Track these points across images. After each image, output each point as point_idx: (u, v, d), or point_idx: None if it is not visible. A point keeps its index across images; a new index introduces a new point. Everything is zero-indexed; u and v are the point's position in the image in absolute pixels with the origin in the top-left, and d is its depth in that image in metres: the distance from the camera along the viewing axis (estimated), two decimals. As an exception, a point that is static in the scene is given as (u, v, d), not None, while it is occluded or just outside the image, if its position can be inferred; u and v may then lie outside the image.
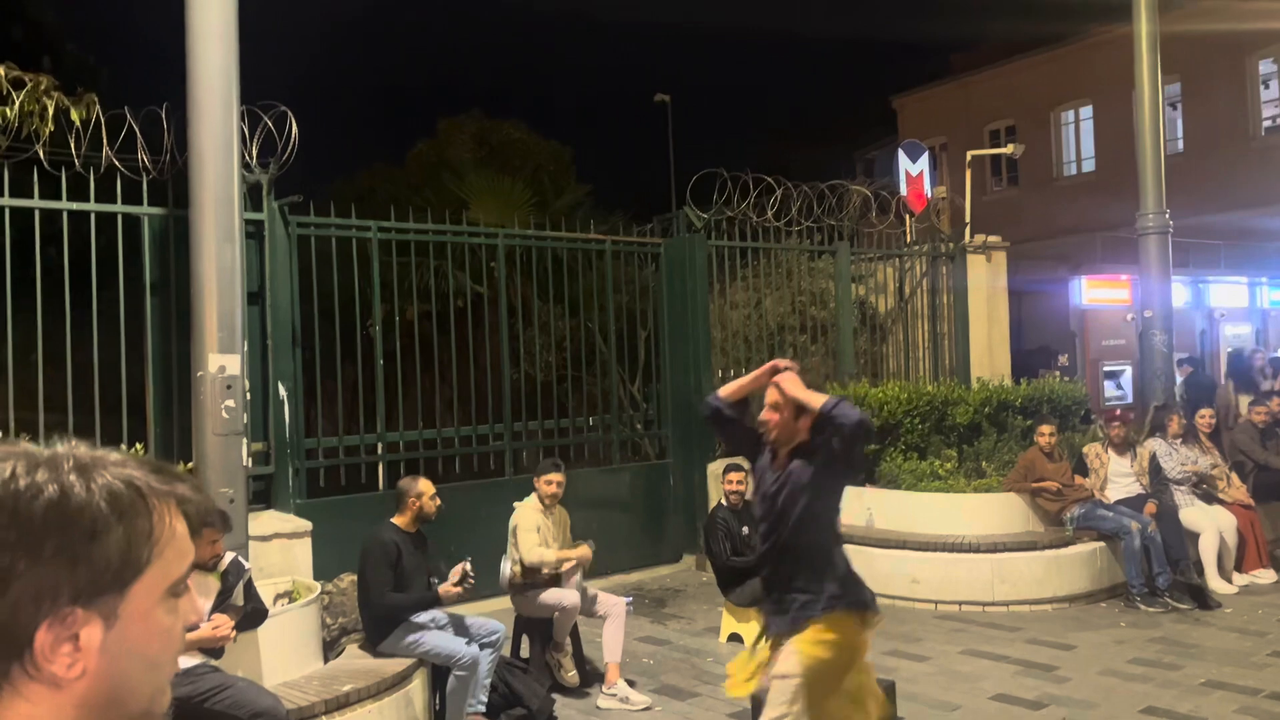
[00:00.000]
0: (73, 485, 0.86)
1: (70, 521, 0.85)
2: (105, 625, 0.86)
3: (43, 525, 0.84)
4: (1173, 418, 8.33)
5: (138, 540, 0.88)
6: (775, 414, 3.70)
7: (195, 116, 5.52)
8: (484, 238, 8.56)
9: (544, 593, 5.89)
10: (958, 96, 25.70)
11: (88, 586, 0.85)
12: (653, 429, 9.76)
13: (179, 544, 0.92)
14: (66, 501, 0.85)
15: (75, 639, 0.85)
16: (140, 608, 0.89)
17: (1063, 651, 6.37)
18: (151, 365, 6.36)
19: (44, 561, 0.83)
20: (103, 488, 0.88)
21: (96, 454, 0.92)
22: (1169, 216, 9.97)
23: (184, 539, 0.93)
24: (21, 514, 0.84)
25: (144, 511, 0.89)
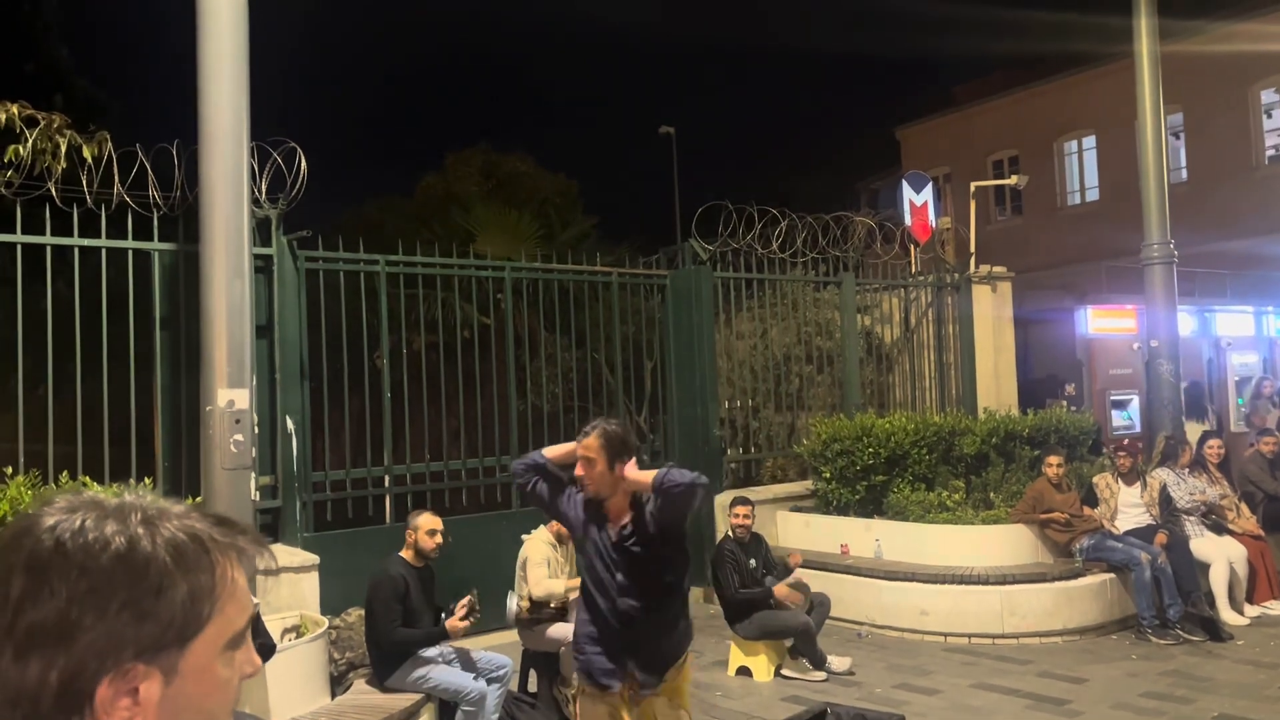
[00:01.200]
0: (140, 538, 0.87)
1: (137, 576, 0.85)
2: (165, 680, 0.86)
3: (110, 579, 0.84)
4: (1185, 448, 8.31)
5: (201, 595, 0.88)
6: (588, 467, 3.57)
7: (206, 153, 5.59)
8: (491, 270, 8.61)
9: (551, 627, 5.87)
10: (960, 127, 25.85)
11: (151, 642, 0.85)
12: (659, 460, 9.74)
13: (240, 597, 0.92)
14: (134, 555, 0.86)
15: (135, 693, 0.85)
16: (200, 663, 0.88)
17: (1074, 685, 6.32)
18: (160, 399, 6.39)
19: (110, 616, 0.83)
20: (168, 541, 0.88)
21: (162, 505, 0.92)
22: (1173, 246, 9.98)
23: (244, 592, 0.93)
24: (90, 567, 0.84)
25: (207, 566, 0.89)
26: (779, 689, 6.49)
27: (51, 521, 0.87)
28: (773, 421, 10.33)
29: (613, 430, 3.56)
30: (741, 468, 9.99)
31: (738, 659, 6.83)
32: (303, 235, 7.01)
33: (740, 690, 6.53)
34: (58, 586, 0.84)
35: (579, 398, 9.61)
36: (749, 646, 6.75)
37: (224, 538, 0.92)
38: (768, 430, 10.29)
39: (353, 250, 7.52)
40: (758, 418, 10.20)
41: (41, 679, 0.83)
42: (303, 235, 7.01)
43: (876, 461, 8.66)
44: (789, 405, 10.42)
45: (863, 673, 6.71)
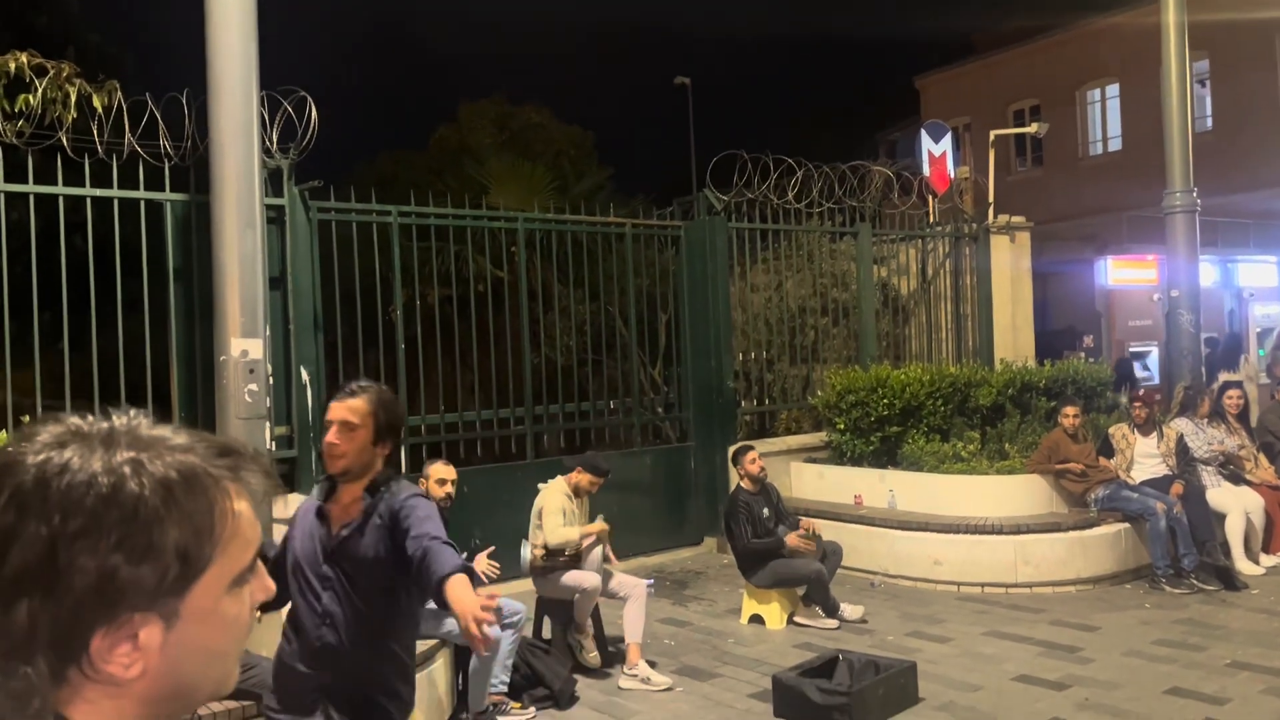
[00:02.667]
0: (127, 478, 0.80)
1: (127, 518, 0.79)
2: (166, 625, 0.82)
3: (99, 520, 0.78)
4: (1204, 398, 8.24)
5: (199, 537, 0.82)
6: (347, 435, 2.73)
7: (215, 102, 5.55)
8: (504, 222, 8.57)
9: (565, 575, 5.91)
10: (981, 76, 25.43)
11: (147, 589, 0.80)
12: (673, 412, 9.76)
13: (245, 532, 0.86)
14: (121, 496, 0.79)
15: (134, 639, 0.80)
16: (204, 605, 0.84)
17: (1086, 633, 6.34)
18: (175, 350, 6.42)
19: (103, 558, 0.78)
20: (159, 480, 0.81)
21: (156, 434, 0.85)
22: (1196, 195, 9.83)
23: (249, 524, 0.87)
24: (77, 507, 0.78)
25: (204, 506, 0.83)
26: (792, 636, 6.54)
27: (37, 458, 0.81)
28: (787, 374, 10.31)
29: (390, 398, 2.81)
30: (756, 420, 9.99)
31: (750, 607, 6.87)
32: (314, 185, 6.98)
33: (753, 637, 6.58)
34: (34, 527, 0.78)
35: (593, 350, 9.61)
36: (762, 595, 6.80)
37: (223, 468, 0.86)
38: (782, 383, 10.27)
39: (365, 201, 7.50)
40: (772, 370, 10.18)
41: (31, 626, 0.78)
42: (314, 185, 6.98)
43: (891, 413, 8.64)
44: (804, 358, 10.39)
45: (875, 621, 6.74)
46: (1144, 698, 5.18)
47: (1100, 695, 5.24)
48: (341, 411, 2.75)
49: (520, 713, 5.27)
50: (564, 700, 5.42)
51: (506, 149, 14.51)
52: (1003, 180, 22.93)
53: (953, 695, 5.32)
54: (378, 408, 2.75)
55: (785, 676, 5.19)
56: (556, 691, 5.44)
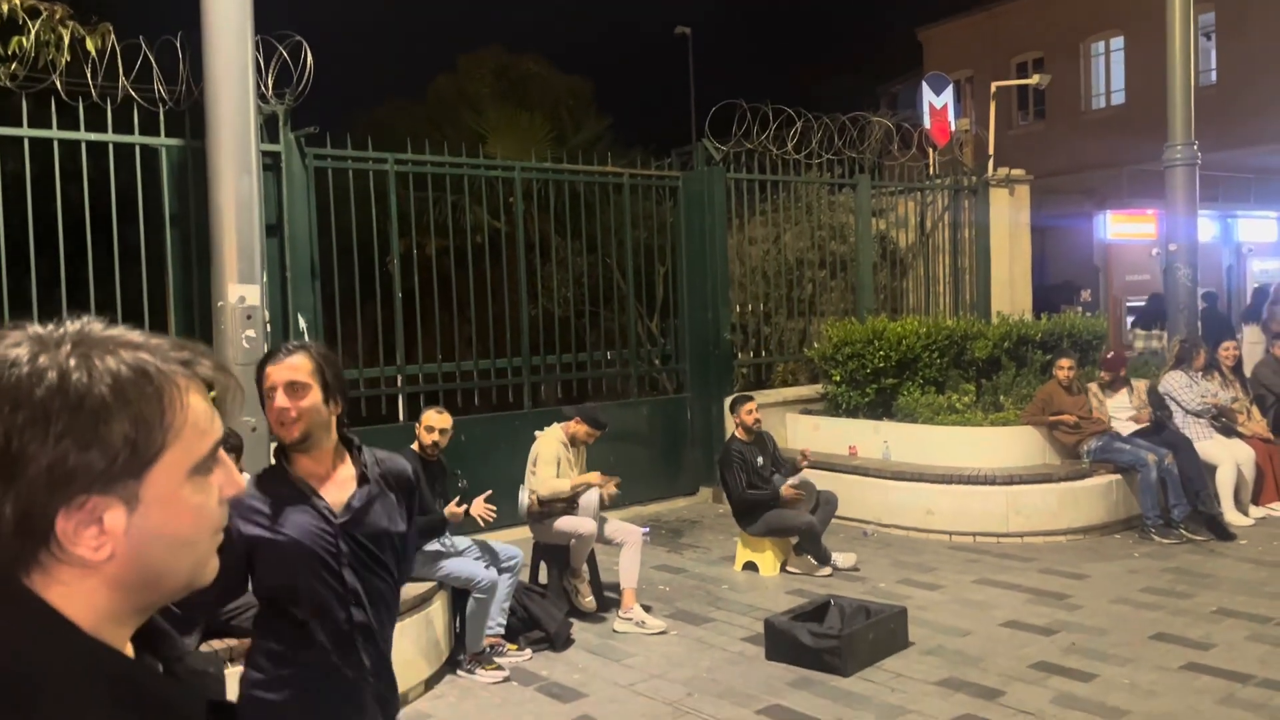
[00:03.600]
0: (73, 369, 0.84)
1: (73, 406, 0.83)
2: (128, 509, 0.86)
3: (45, 410, 0.82)
4: (1199, 351, 8.28)
5: (147, 426, 0.86)
6: (296, 396, 2.42)
7: (210, 46, 5.52)
8: (501, 171, 8.54)
9: (560, 520, 5.98)
10: (985, 28, 25.13)
11: (100, 473, 0.84)
12: (670, 364, 9.79)
13: (199, 423, 0.90)
14: (67, 385, 0.83)
15: (100, 522, 0.84)
16: (163, 491, 0.88)
17: (1075, 581, 6.43)
18: (172, 295, 6.43)
19: (50, 446, 0.82)
20: (107, 372, 0.85)
21: (111, 334, 0.89)
22: (1197, 149, 9.78)
23: (204, 417, 0.91)
24: (24, 400, 0.82)
25: (153, 395, 0.86)
26: (784, 583, 6.63)
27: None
28: (785, 326, 10.33)
29: (330, 354, 2.53)
30: (752, 372, 10.03)
31: (744, 555, 6.96)
32: (310, 132, 6.94)
33: (746, 584, 6.67)
34: (30, 424, 0.82)
35: (590, 302, 9.62)
36: (756, 543, 6.88)
37: (175, 362, 0.89)
38: (779, 335, 10.29)
39: (361, 149, 7.46)
40: (769, 323, 10.19)
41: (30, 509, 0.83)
42: (310, 132, 6.94)
43: (887, 365, 8.68)
44: (801, 310, 10.40)
45: (867, 569, 6.83)
46: (1130, 643, 5.27)
47: (1086, 640, 5.33)
48: (284, 373, 2.45)
49: (516, 654, 5.36)
50: (559, 642, 5.51)
51: (505, 99, 14.38)
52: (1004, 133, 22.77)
53: (942, 640, 5.41)
54: (321, 363, 2.46)
55: (778, 620, 5.27)
56: (552, 634, 5.53)
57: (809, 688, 4.81)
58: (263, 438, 5.53)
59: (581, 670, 5.21)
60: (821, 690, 4.78)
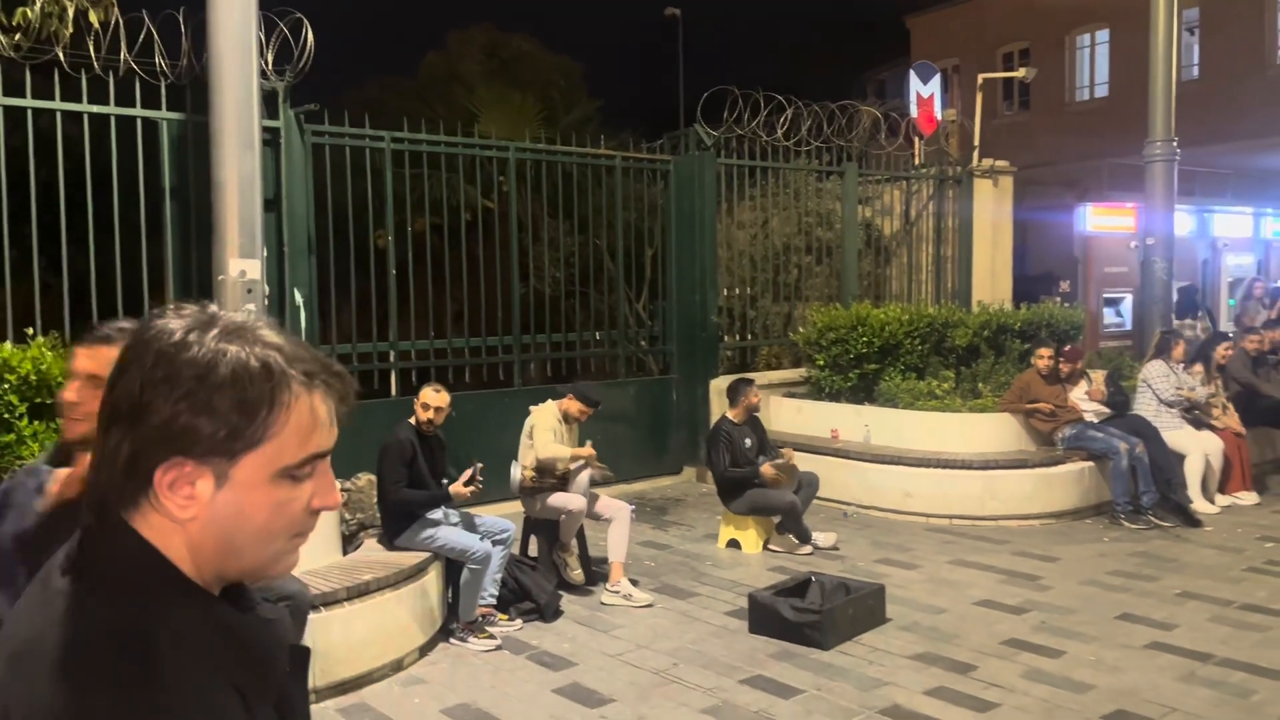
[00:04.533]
0: (214, 349, 0.97)
1: (199, 377, 0.95)
2: (216, 483, 0.97)
3: (178, 374, 0.96)
4: (1178, 343, 8.51)
5: (251, 416, 0.97)
6: (92, 392, 2.06)
7: (214, 21, 5.57)
8: (495, 150, 8.64)
9: (552, 496, 6.14)
10: (973, 17, 25.27)
11: (203, 442, 0.95)
12: (658, 345, 9.95)
13: (300, 430, 0.98)
14: (200, 359, 0.96)
15: (192, 485, 0.96)
16: (250, 478, 0.97)
17: (1046, 563, 6.66)
18: (171, 268, 6.52)
19: (171, 405, 0.95)
20: (235, 358, 0.96)
21: (261, 331, 1.00)
22: (1177, 146, 9.99)
23: (308, 427, 0.99)
24: (166, 361, 0.96)
25: (265, 392, 0.96)
26: (766, 560, 6.82)
27: (160, 324, 1.00)
28: (770, 311, 10.50)
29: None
30: (737, 355, 10.20)
31: (728, 533, 7.14)
32: (310, 109, 7.03)
33: (730, 561, 6.86)
34: (135, 373, 0.97)
35: (580, 282, 9.74)
36: (739, 521, 7.06)
37: (299, 371, 0.99)
38: (765, 319, 10.46)
39: (359, 126, 7.55)
40: (755, 307, 10.36)
41: (116, 449, 0.97)
42: (310, 109, 7.03)
43: (870, 351, 8.87)
44: (787, 295, 10.57)
45: (846, 548, 7.03)
46: (1096, 622, 5.49)
47: (1055, 619, 5.55)
48: (88, 363, 2.14)
49: (507, 624, 5.53)
50: (549, 614, 5.68)
51: (495, 78, 14.43)
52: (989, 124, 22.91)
53: (918, 616, 5.62)
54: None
55: (761, 595, 5.46)
56: (542, 605, 5.70)
57: (790, 659, 5.00)
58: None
59: (570, 640, 5.38)
60: (802, 662, 4.97)
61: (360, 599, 4.86)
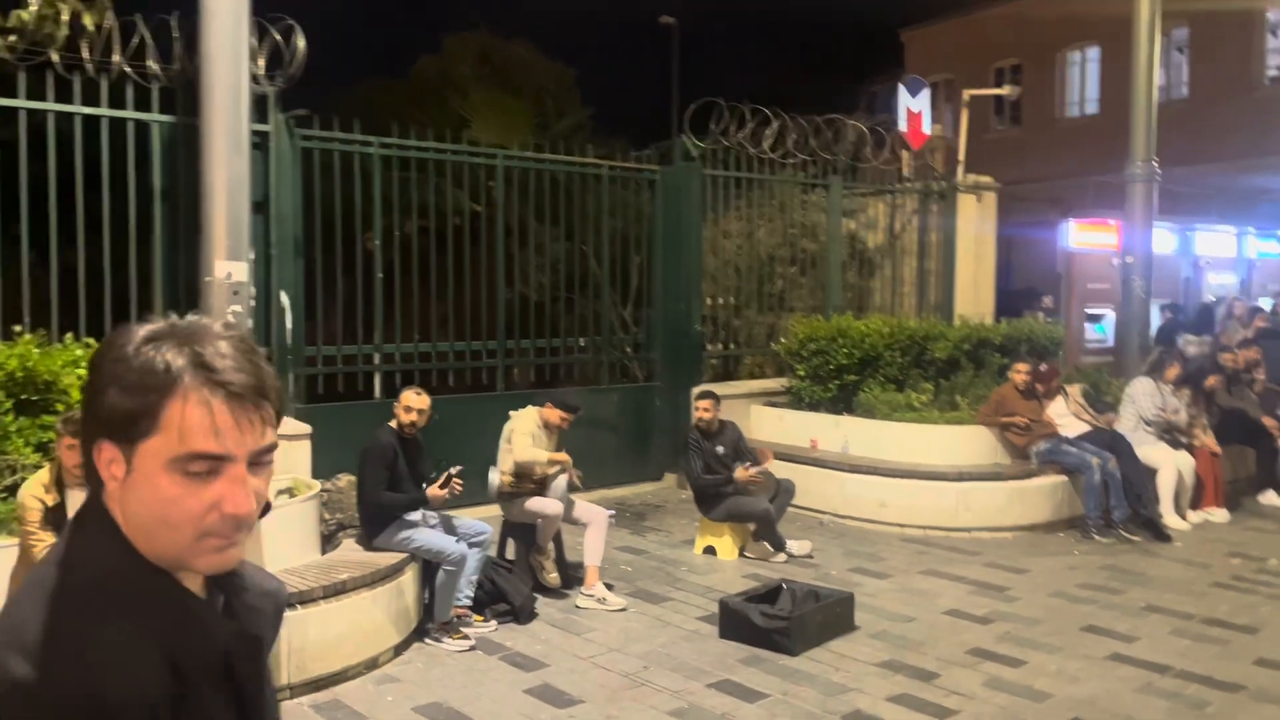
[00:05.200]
0: (139, 351, 1.09)
1: (121, 374, 1.09)
2: (125, 465, 1.09)
3: (104, 370, 1.10)
4: (1173, 365, 8.64)
5: (146, 409, 1.08)
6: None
7: (206, 26, 5.67)
8: (483, 158, 8.74)
9: (529, 500, 6.23)
10: (967, 31, 25.47)
11: (114, 427, 1.09)
12: (642, 352, 10.05)
13: (185, 429, 1.07)
14: (124, 358, 1.09)
15: (111, 463, 1.10)
16: (146, 465, 1.08)
17: (1016, 574, 6.77)
18: (159, 269, 6.60)
19: (98, 395, 1.10)
20: (148, 358, 1.08)
21: (207, 336, 1.11)
22: (1157, 165, 10.15)
23: (197, 429, 1.07)
24: (103, 359, 1.11)
25: (158, 388, 1.07)
26: (741, 567, 6.93)
27: (122, 330, 1.14)
28: (755, 320, 10.61)
29: None
30: (721, 363, 10.31)
31: (704, 539, 7.24)
32: (300, 114, 7.12)
33: (705, 567, 6.96)
34: (97, 367, 1.12)
35: (565, 288, 9.84)
36: (715, 528, 7.16)
37: (214, 380, 1.08)
38: (750, 328, 10.57)
39: (347, 130, 7.64)
40: (740, 316, 10.47)
41: (83, 427, 1.15)
42: (300, 114, 7.12)
43: (850, 362, 8.98)
44: (771, 305, 10.69)
45: (821, 556, 7.14)
46: (1060, 633, 5.60)
47: (1020, 630, 5.66)
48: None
49: (482, 625, 5.62)
50: (524, 616, 5.77)
51: (489, 83, 14.54)
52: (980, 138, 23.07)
53: (886, 625, 5.72)
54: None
55: (731, 601, 5.56)
56: (517, 607, 5.79)
57: (758, 665, 5.10)
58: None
59: (544, 642, 5.47)
60: (770, 668, 5.07)
61: (336, 598, 4.95)
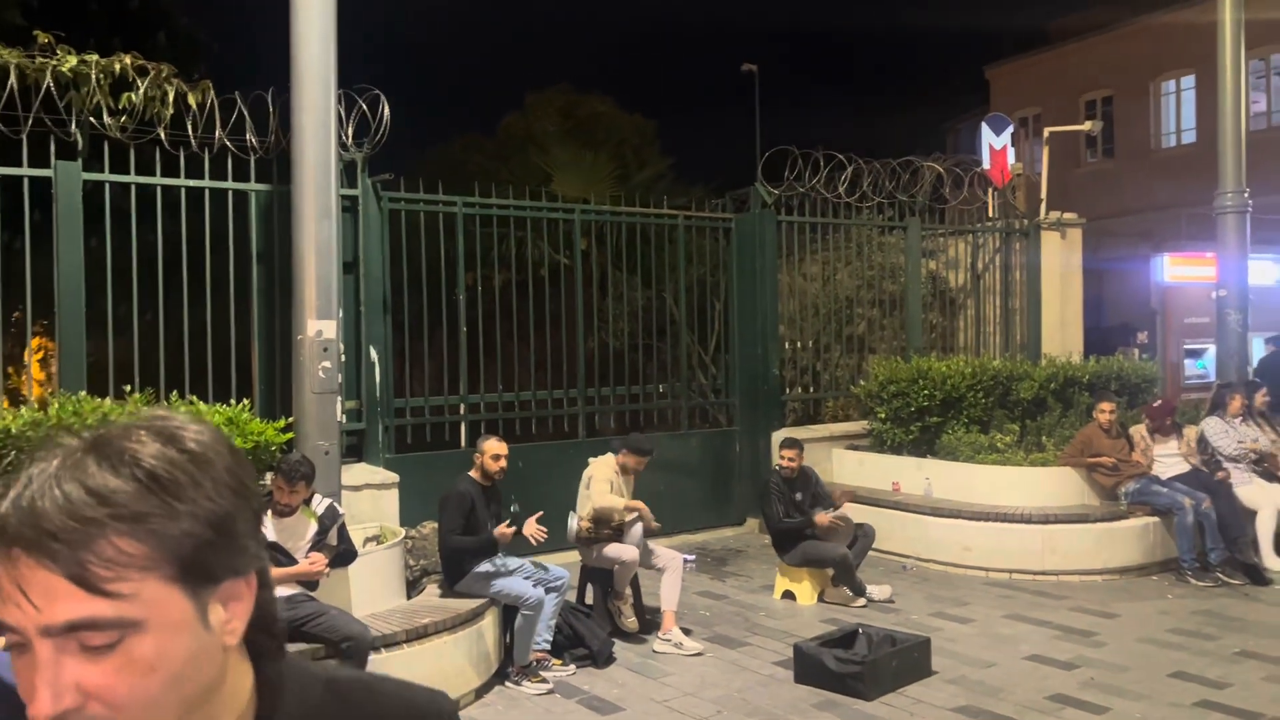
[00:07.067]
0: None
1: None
2: None
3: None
4: (1234, 397, 8.38)
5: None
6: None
7: (297, 105, 6.07)
8: (562, 213, 9.02)
9: (607, 546, 6.36)
10: (1054, 66, 25.14)
11: None
12: (721, 397, 10.15)
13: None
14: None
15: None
16: None
17: (1104, 619, 6.60)
18: (257, 327, 7.00)
19: None
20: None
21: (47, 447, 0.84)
22: (1248, 195, 9.89)
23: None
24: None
25: None
26: (820, 612, 6.91)
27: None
28: (836, 363, 10.62)
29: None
30: (802, 406, 10.32)
31: (783, 584, 7.26)
32: (386, 178, 7.51)
33: (784, 611, 6.97)
34: None
35: (645, 335, 10.02)
36: (794, 573, 7.17)
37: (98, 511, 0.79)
38: (831, 371, 10.58)
39: (432, 192, 8.00)
40: (820, 359, 10.49)
41: None
42: (386, 178, 7.51)
43: (931, 403, 8.91)
44: (853, 348, 10.68)
45: (902, 601, 7.08)
46: (1147, 680, 5.46)
47: (1105, 676, 5.53)
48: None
49: (561, 669, 5.74)
50: (601, 660, 5.88)
51: (570, 137, 14.97)
52: (1071, 171, 22.72)
53: (965, 670, 5.66)
54: None
55: (806, 646, 5.58)
56: (595, 651, 5.90)
57: (833, 709, 5.11)
58: (335, 461, 6.03)
59: (621, 686, 5.57)
60: (844, 713, 5.07)
61: (418, 641, 5.14)
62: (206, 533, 0.82)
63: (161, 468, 0.82)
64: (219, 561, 0.84)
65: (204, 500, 0.83)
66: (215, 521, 0.83)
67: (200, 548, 0.82)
